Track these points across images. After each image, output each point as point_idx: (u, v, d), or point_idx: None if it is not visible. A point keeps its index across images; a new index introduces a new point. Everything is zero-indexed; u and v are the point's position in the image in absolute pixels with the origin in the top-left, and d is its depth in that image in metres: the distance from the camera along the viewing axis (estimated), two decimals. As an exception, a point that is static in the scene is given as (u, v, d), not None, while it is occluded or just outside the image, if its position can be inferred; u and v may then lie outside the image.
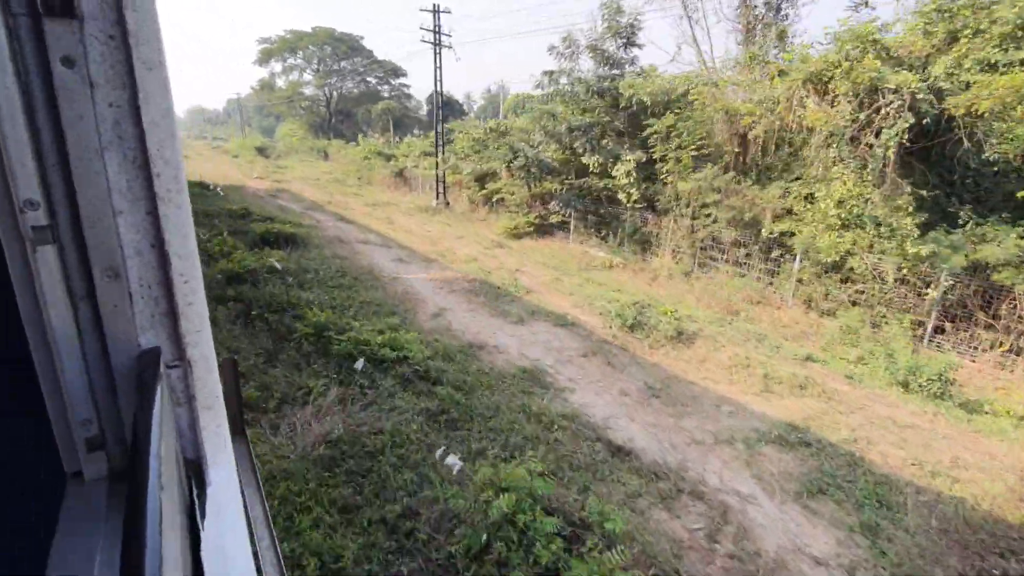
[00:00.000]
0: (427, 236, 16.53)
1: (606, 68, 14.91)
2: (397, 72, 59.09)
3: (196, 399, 0.95)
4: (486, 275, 11.62)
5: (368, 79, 60.20)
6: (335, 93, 60.04)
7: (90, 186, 0.78)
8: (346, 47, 58.52)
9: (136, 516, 0.53)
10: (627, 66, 15.06)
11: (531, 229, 17.58)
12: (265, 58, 58.50)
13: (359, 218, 18.97)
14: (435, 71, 21.06)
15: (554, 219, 17.29)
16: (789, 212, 10.93)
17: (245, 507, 1.19)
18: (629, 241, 14.76)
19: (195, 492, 0.94)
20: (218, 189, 21.46)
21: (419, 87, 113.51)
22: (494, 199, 19.80)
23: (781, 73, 10.35)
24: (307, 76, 60.33)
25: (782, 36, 12.28)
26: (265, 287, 8.46)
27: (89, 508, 0.81)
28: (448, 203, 22.36)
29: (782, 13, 13.31)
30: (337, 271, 10.40)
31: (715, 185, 11.28)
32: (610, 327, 8.56)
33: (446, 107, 62.55)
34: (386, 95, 60.03)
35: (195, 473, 0.96)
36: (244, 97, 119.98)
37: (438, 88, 21.57)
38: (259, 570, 1.10)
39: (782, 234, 11.00)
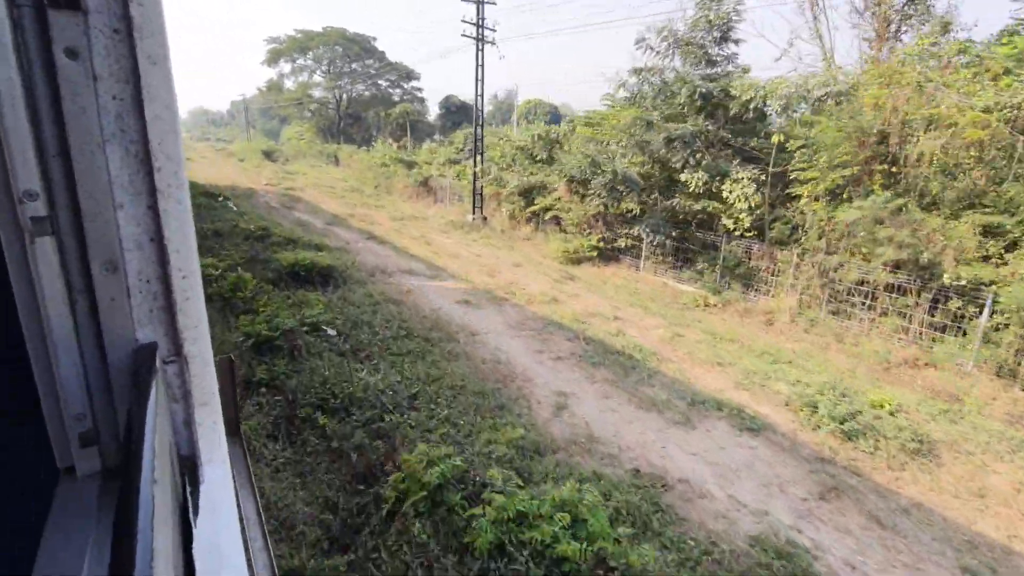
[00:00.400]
0: (477, 262, 13.94)
1: (702, 67, 12.39)
2: (410, 75, 56.72)
3: (192, 395, 0.93)
4: (581, 324, 9.03)
5: (379, 82, 57.80)
6: (345, 96, 57.66)
7: (91, 179, 0.78)
8: (358, 48, 56.18)
9: (127, 513, 0.52)
10: (725, 64, 12.54)
11: (593, 254, 15.00)
12: (274, 58, 56.09)
13: (391, 236, 16.39)
14: (477, 69, 18.55)
15: (620, 243, 14.72)
16: (985, 256, 8.34)
17: (239, 506, 1.22)
18: (728, 275, 12.17)
19: (188, 490, 0.91)
20: (227, 200, 18.86)
21: (427, 91, 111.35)
22: (543, 216, 17.26)
23: (1007, 71, 7.85)
24: (317, 77, 57.96)
25: (947, 28, 9.80)
26: (309, 360, 5.87)
27: (81, 504, 0.77)
28: (485, 218, 19.79)
29: (928, 2, 10.85)
30: (398, 326, 7.82)
31: (879, 215, 8.71)
32: (814, 429, 5.94)
33: (459, 112, 60.13)
34: (397, 99, 57.67)
35: (189, 470, 0.94)
36: (250, 98, 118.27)
37: (479, 89, 19.03)
38: (251, 570, 1.14)
39: (971, 282, 8.40)
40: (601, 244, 15.07)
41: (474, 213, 19.76)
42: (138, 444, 0.60)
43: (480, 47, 18.23)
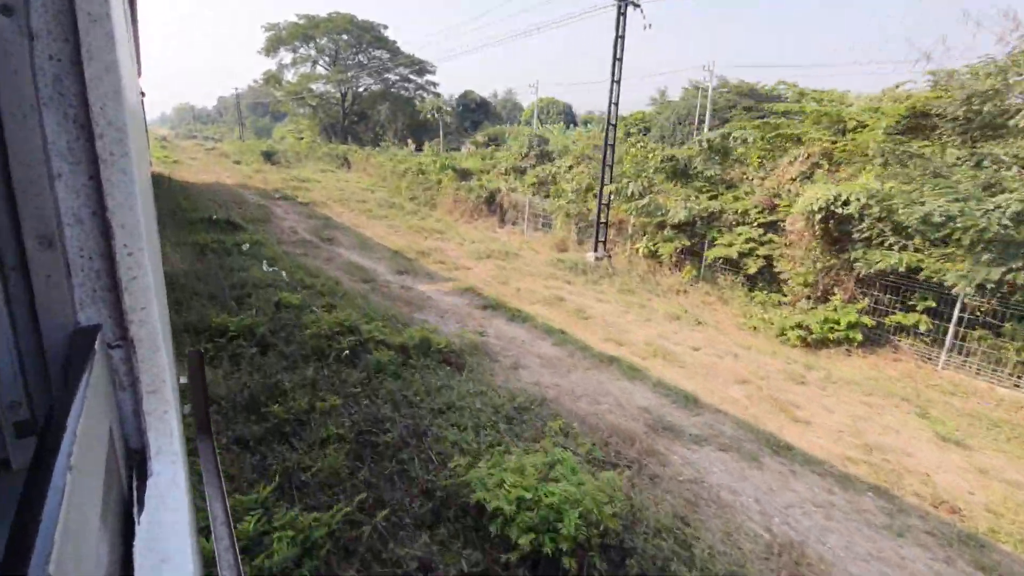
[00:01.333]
0: (704, 363, 8.16)
1: None
2: (424, 69, 50.59)
3: (140, 383, 0.88)
4: None
5: (389, 76, 51.53)
6: (351, 91, 51.34)
7: (24, 146, 0.73)
8: (369, 37, 49.95)
9: (31, 505, 0.48)
10: None
11: (852, 335, 9.29)
12: (273, 46, 49.72)
13: (508, 297, 10.53)
14: (615, 41, 12.65)
15: (904, 319, 9.05)
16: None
17: (207, 502, 1.35)
18: None
19: (135, 483, 0.86)
20: (250, 232, 12.92)
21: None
22: (709, 259, 11.56)
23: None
24: (320, 69, 51.53)
25: None
26: None
27: (13, 500, 0.65)
28: (610, 256, 14.01)
29: None
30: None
31: None
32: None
33: (478, 111, 54.04)
34: (407, 94, 51.44)
35: (138, 463, 0.89)
36: (241, 93, 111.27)
37: (617, 72, 13.08)
38: (204, 567, 1.20)
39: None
40: (866, 319, 9.36)
41: (597, 250, 13.95)
42: (57, 432, 0.56)
43: (622, 9, 12.35)
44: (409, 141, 41.70)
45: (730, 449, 5.75)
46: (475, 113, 50.59)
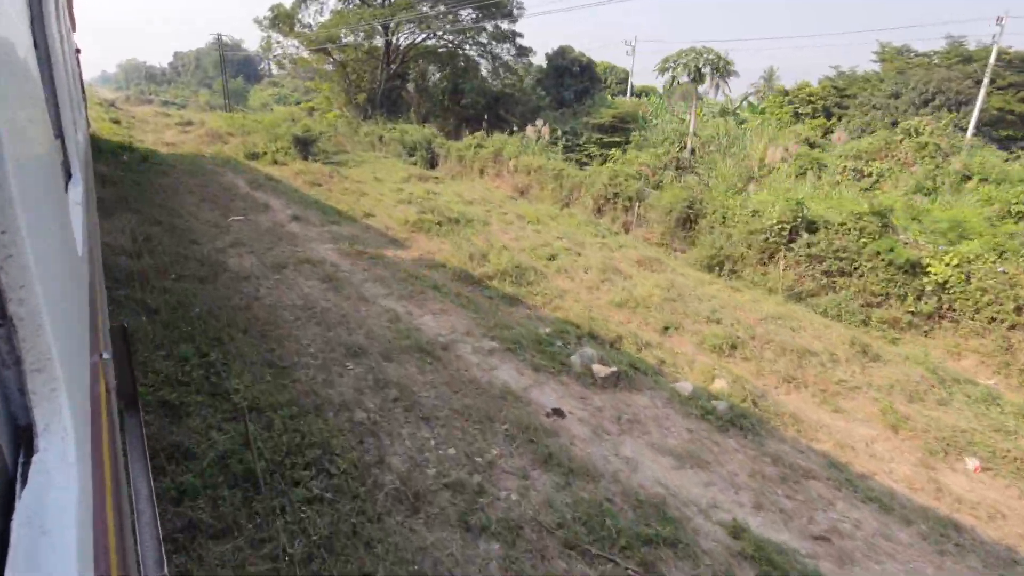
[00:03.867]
0: None
1: None
2: (507, 11, 34.79)
3: (24, 361, 0.86)
4: None
5: (438, 31, 35.58)
6: (398, 40, 35.17)
7: None
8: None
9: None
10: None
11: None
12: (282, -32, 33.21)
13: None
14: None
15: None
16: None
17: (131, 479, 1.41)
18: None
19: (22, 459, 0.87)
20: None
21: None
22: None
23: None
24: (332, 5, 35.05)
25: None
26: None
27: None
28: None
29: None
30: None
31: None
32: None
33: (582, 75, 38.66)
34: (475, 54, 35.81)
35: (25, 440, 0.90)
36: (204, 49, 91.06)
37: None
38: (134, 543, 1.28)
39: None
40: None
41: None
42: None
43: None
44: (540, 126, 26.65)
45: None
46: (577, 79, 35.54)
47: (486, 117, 32.34)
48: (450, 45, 35.51)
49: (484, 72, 36.58)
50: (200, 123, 34.07)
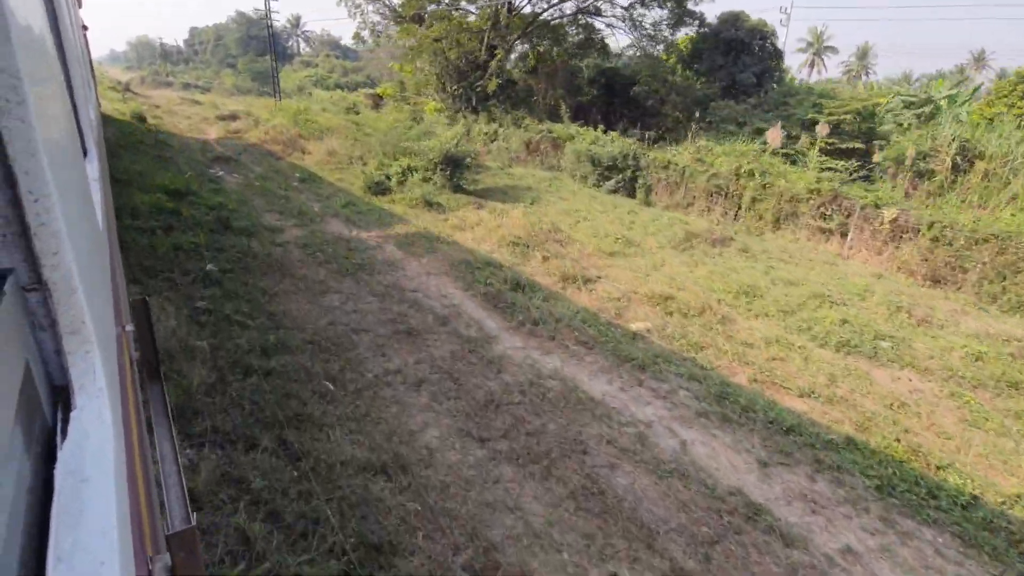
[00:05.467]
0: None
1: None
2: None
3: (59, 323, 0.90)
4: None
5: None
6: (501, 9, 25.77)
7: None
8: None
9: None
10: None
11: None
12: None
13: None
14: None
15: None
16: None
17: (156, 443, 1.50)
18: None
19: (60, 416, 0.92)
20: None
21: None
22: None
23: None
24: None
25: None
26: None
27: None
28: None
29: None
30: None
31: None
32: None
33: (741, 50, 28.08)
34: (627, 37, 26.17)
35: (62, 398, 0.95)
36: (226, 24, 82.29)
37: None
38: (160, 502, 1.46)
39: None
40: None
41: None
42: None
43: None
44: (781, 129, 17.54)
45: None
46: (755, 57, 26.15)
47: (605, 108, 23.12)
48: (580, 13, 26.09)
49: (618, 46, 27.27)
50: (248, 115, 25.12)
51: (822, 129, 15.44)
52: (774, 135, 16.94)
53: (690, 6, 25.05)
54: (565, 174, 16.94)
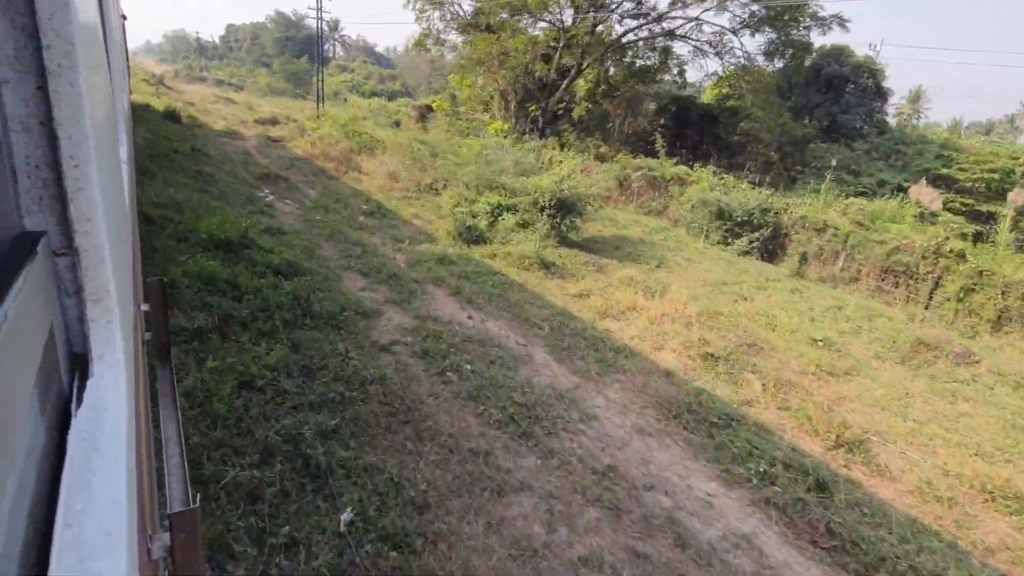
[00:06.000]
0: None
1: None
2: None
3: (84, 290, 0.90)
4: None
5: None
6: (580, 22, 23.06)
7: None
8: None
9: None
10: None
11: None
12: None
13: None
14: None
15: None
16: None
17: (161, 423, 1.51)
18: None
19: (76, 383, 0.91)
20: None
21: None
22: None
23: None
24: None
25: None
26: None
27: None
28: None
29: None
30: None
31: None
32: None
33: (865, 90, 24.28)
34: (711, 57, 23.44)
35: (80, 366, 0.94)
36: (259, 24, 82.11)
37: None
38: (159, 478, 1.57)
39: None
40: None
41: None
42: None
43: None
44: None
45: None
46: (859, 96, 23.39)
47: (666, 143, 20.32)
48: (666, 36, 23.49)
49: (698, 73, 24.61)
50: (287, 120, 22.52)
51: (1016, 197, 12.47)
52: (927, 195, 13.95)
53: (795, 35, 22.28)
54: (679, 225, 14.02)
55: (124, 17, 10.38)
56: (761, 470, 4.32)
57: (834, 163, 18.35)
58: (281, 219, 9.24)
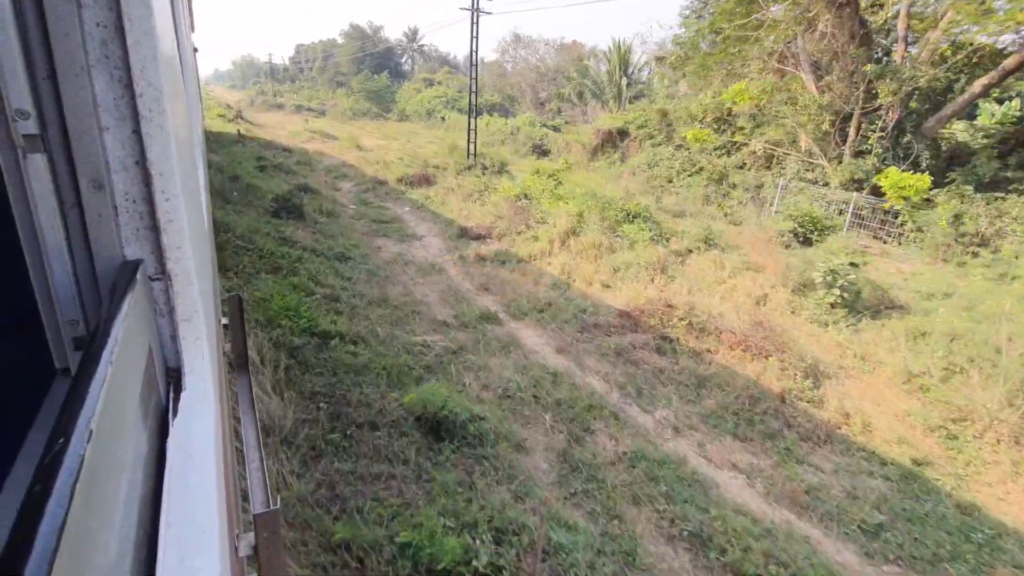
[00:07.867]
0: None
1: None
2: None
3: (176, 311, 0.99)
4: None
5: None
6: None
7: (77, 101, 0.82)
8: None
9: (77, 393, 0.55)
10: None
11: None
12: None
13: None
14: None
15: None
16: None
17: (242, 429, 1.59)
18: None
19: (172, 395, 0.99)
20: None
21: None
22: None
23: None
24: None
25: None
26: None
27: None
28: None
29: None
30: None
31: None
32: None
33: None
34: None
35: (175, 379, 1.02)
36: (330, 41, 76.94)
37: None
38: (238, 474, 1.64)
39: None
40: None
41: None
42: (101, 342, 0.63)
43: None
44: None
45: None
46: None
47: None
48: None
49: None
50: (427, 164, 14.53)
51: None
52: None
53: None
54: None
55: (195, 50, 10.23)
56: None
57: None
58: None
